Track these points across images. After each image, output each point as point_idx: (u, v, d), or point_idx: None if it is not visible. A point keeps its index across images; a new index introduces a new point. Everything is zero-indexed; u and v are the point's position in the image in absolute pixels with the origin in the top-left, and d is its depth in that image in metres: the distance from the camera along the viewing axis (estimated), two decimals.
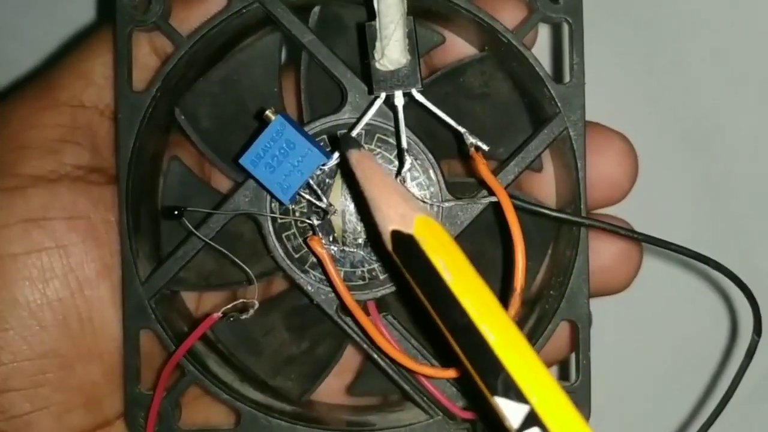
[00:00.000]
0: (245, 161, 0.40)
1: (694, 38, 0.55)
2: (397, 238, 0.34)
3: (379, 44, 0.40)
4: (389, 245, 0.34)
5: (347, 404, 0.47)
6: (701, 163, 0.56)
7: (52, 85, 0.43)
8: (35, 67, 0.57)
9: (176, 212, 0.42)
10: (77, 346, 0.42)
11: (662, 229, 0.43)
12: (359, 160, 0.37)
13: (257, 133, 0.40)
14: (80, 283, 0.42)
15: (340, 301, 0.42)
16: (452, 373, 0.40)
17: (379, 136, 0.43)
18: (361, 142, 0.43)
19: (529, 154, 0.42)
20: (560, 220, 0.43)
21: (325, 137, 0.43)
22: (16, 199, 0.41)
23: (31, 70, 0.57)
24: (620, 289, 0.46)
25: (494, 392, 0.30)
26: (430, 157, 0.43)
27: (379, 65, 0.40)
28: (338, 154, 0.41)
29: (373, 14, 0.39)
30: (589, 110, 0.42)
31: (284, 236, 0.43)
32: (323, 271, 0.42)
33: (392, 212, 0.34)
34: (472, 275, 0.32)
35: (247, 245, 0.44)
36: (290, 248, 0.43)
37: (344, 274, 0.43)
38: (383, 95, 0.41)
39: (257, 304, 0.43)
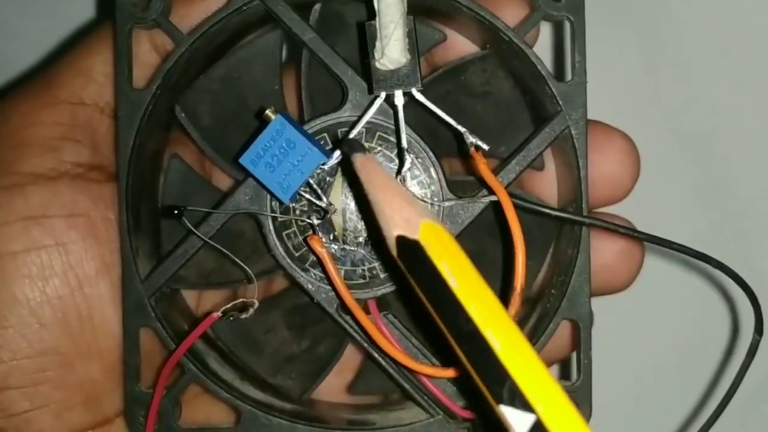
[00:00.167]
0: (245, 161, 0.40)
1: (695, 37, 0.55)
2: (402, 243, 0.33)
3: (379, 43, 0.39)
4: (394, 250, 0.34)
5: (348, 403, 0.47)
6: (703, 161, 0.56)
7: (51, 82, 0.43)
8: (35, 65, 0.57)
9: (176, 211, 0.42)
10: (77, 343, 0.42)
11: (663, 228, 0.43)
12: (363, 163, 0.36)
13: (257, 132, 0.40)
14: (80, 280, 0.42)
15: (340, 300, 0.42)
16: (452, 372, 0.40)
17: (379, 134, 0.43)
18: (362, 140, 0.43)
19: (530, 152, 0.42)
20: (561, 219, 0.43)
21: (325, 135, 0.43)
22: (15, 196, 0.41)
23: (30, 68, 0.57)
24: (622, 288, 0.46)
25: (500, 401, 0.30)
26: (431, 155, 0.43)
27: (379, 64, 0.40)
28: (341, 155, 0.41)
29: (373, 13, 0.39)
30: (590, 108, 0.42)
31: (284, 234, 0.43)
32: (323, 270, 0.42)
33: (397, 217, 0.33)
34: (477, 281, 0.32)
35: (247, 243, 0.44)
36: (290, 247, 0.43)
37: (345, 272, 0.43)
38: (383, 95, 0.41)
39: (257, 303, 0.43)
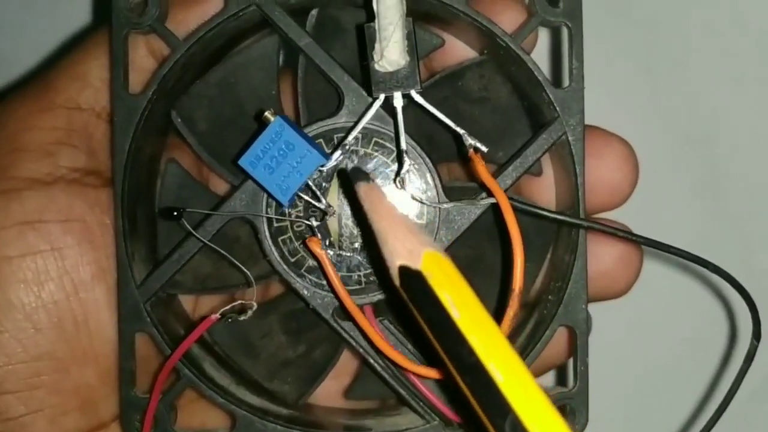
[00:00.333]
0: (244, 162, 0.40)
1: (693, 41, 0.55)
2: (404, 273, 0.33)
3: (378, 45, 0.39)
4: (396, 280, 0.33)
5: (344, 408, 0.47)
6: (701, 166, 0.56)
7: (48, 87, 0.43)
8: (34, 65, 0.57)
9: (175, 213, 0.42)
10: (72, 348, 0.42)
11: (662, 232, 0.43)
12: (367, 192, 0.36)
13: (256, 134, 0.40)
14: (75, 285, 0.42)
15: (339, 300, 0.42)
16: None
17: (376, 140, 0.43)
18: (357, 145, 0.42)
19: (527, 158, 0.42)
20: (559, 221, 0.43)
21: (321, 141, 0.43)
22: (11, 201, 0.41)
23: (30, 68, 0.57)
24: (619, 294, 0.46)
25: None
26: (427, 161, 0.43)
27: (378, 66, 0.40)
28: (344, 185, 0.42)
29: (372, 16, 0.39)
30: (588, 112, 0.42)
31: (280, 240, 0.43)
32: (322, 272, 0.42)
33: (400, 246, 0.33)
34: (480, 313, 0.31)
35: (243, 248, 0.44)
36: (286, 252, 0.43)
37: (341, 278, 0.43)
38: (382, 97, 0.40)
39: (255, 305, 0.43)
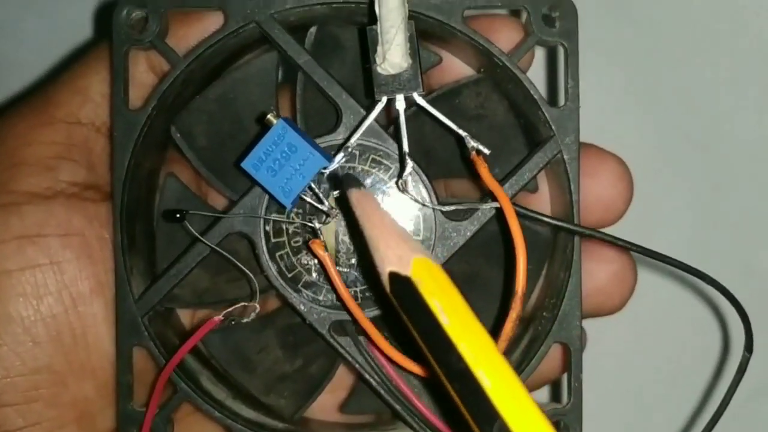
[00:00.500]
0: (247, 165, 0.40)
1: (692, 47, 0.55)
2: (394, 279, 0.33)
3: (380, 48, 0.40)
4: (387, 287, 0.34)
5: (340, 422, 0.47)
6: (697, 174, 0.56)
7: (48, 101, 0.43)
8: (34, 65, 0.57)
9: (178, 215, 0.42)
10: (70, 362, 0.42)
11: (656, 242, 0.43)
12: (359, 199, 0.37)
13: (258, 137, 0.40)
14: (74, 299, 0.42)
15: (340, 300, 0.42)
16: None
17: (373, 156, 0.43)
18: (355, 162, 0.43)
19: (523, 175, 0.42)
20: (557, 227, 0.43)
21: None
22: (11, 215, 0.42)
23: (30, 68, 0.57)
24: (614, 310, 0.46)
25: None
26: (423, 177, 0.43)
27: (380, 69, 0.40)
28: (338, 192, 0.41)
29: (374, 19, 0.40)
30: (583, 118, 0.42)
31: (277, 255, 0.43)
32: (323, 271, 0.42)
33: (390, 253, 0.34)
34: (469, 319, 0.32)
35: (241, 264, 0.44)
36: (283, 267, 0.43)
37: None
38: (384, 99, 0.40)
39: (258, 307, 0.43)
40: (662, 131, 0.56)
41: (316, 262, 0.43)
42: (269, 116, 0.40)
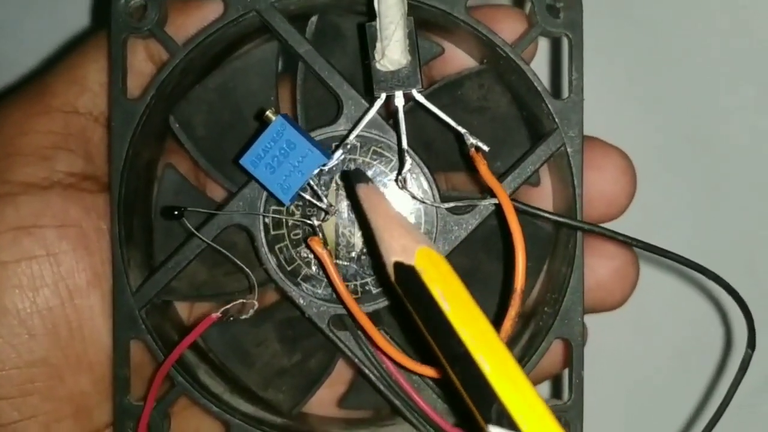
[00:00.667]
0: (246, 161, 0.40)
1: (693, 45, 0.55)
2: (399, 269, 0.34)
3: (379, 45, 0.39)
4: (392, 276, 0.35)
5: (339, 417, 0.47)
6: (699, 171, 0.56)
7: (45, 90, 0.43)
8: (34, 65, 0.57)
9: (176, 212, 0.42)
10: (67, 355, 0.42)
11: (659, 238, 0.42)
12: (366, 193, 0.38)
13: (257, 133, 0.40)
14: (71, 291, 0.42)
15: (339, 298, 0.42)
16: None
17: (374, 148, 0.43)
18: (356, 154, 0.42)
19: (525, 169, 0.42)
20: (558, 223, 0.43)
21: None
22: (7, 206, 0.41)
23: (30, 68, 0.57)
24: (616, 306, 0.46)
25: (488, 420, 0.30)
26: (425, 169, 0.43)
27: (379, 66, 0.40)
28: (346, 186, 0.42)
29: (373, 15, 0.39)
30: (587, 113, 0.42)
31: (277, 248, 0.43)
32: (323, 270, 0.42)
33: (395, 244, 0.35)
34: (470, 306, 0.33)
35: (240, 256, 0.43)
36: (282, 260, 0.43)
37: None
38: (383, 96, 0.40)
39: (256, 304, 0.43)
40: (665, 127, 0.56)
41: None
42: (268, 113, 0.40)
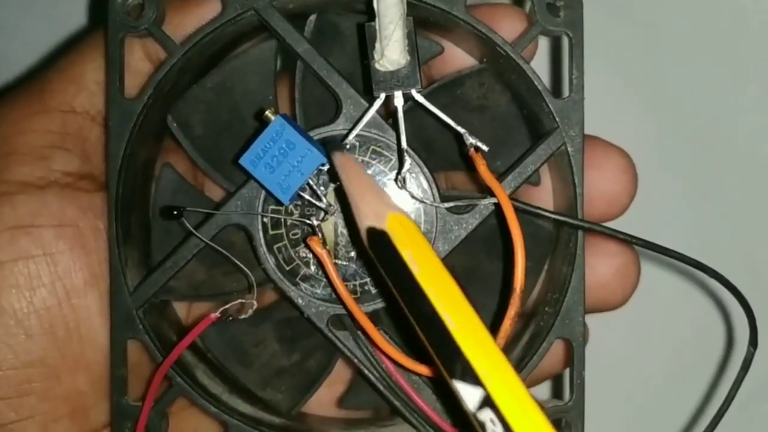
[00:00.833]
0: (245, 161, 0.40)
1: (693, 45, 0.55)
2: (371, 234, 0.36)
3: (378, 45, 0.39)
4: (365, 241, 0.36)
5: (337, 417, 0.46)
6: (700, 169, 0.56)
7: (42, 90, 0.43)
8: (34, 65, 0.57)
9: (175, 212, 0.42)
10: (64, 355, 0.42)
11: (660, 236, 0.42)
12: (342, 161, 0.38)
13: (256, 133, 0.40)
14: (68, 291, 0.42)
15: (338, 298, 0.41)
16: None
17: (373, 148, 0.42)
18: (355, 153, 0.42)
19: (526, 168, 0.42)
20: (558, 221, 0.43)
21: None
22: (3, 205, 0.41)
23: (30, 69, 0.57)
24: (617, 306, 0.46)
25: (453, 376, 0.32)
26: (425, 168, 0.42)
27: (378, 66, 0.40)
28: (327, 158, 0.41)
29: (372, 15, 0.39)
30: (587, 112, 0.41)
31: (275, 248, 0.43)
32: (322, 270, 0.41)
33: (368, 209, 0.36)
34: (437, 267, 0.34)
35: (238, 255, 0.43)
36: (281, 260, 0.43)
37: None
38: (383, 96, 0.40)
39: (255, 304, 0.43)
40: (665, 126, 0.55)
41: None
42: (267, 113, 0.40)
